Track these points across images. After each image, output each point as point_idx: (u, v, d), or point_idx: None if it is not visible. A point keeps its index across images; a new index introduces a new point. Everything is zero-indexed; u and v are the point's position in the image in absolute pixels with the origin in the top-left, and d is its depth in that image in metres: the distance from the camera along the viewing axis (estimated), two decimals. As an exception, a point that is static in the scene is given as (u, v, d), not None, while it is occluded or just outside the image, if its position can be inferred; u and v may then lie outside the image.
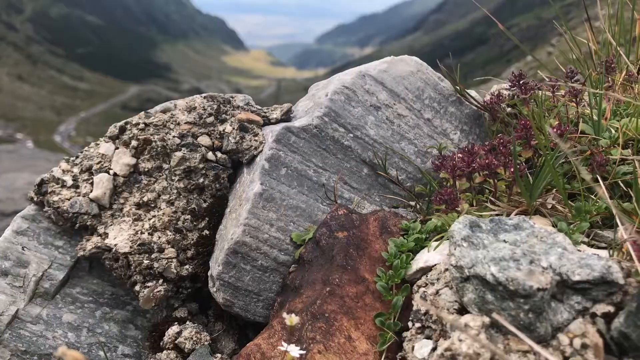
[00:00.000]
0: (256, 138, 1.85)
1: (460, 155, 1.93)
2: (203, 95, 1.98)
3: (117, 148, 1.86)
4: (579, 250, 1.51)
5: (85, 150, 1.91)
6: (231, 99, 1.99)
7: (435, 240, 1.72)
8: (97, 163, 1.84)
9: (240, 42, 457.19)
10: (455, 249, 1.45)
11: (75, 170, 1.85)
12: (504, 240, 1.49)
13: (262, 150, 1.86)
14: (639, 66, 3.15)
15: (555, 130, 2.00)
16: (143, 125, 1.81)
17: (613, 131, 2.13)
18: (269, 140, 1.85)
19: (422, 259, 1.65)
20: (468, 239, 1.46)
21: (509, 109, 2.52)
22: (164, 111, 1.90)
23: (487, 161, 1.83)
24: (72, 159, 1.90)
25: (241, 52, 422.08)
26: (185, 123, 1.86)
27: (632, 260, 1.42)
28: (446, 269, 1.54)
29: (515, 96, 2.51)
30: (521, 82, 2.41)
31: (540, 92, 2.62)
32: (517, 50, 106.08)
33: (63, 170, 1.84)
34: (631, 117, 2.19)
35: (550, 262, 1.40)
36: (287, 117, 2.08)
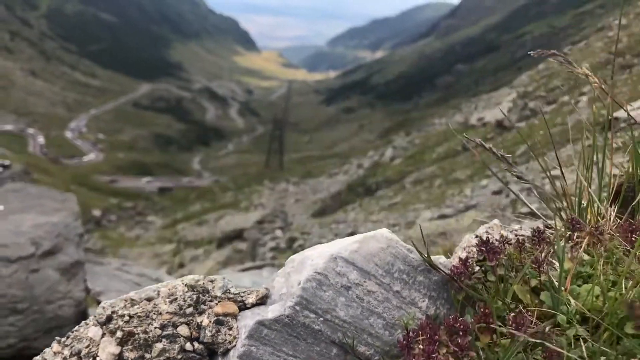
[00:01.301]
0: (230, 332, 2.01)
1: (420, 347, 2.08)
2: (184, 282, 2.13)
3: (104, 334, 2.03)
4: None
5: (76, 331, 2.08)
6: (210, 286, 2.15)
7: None
8: (86, 347, 2.00)
9: (252, 42, 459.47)
10: None
11: (66, 352, 2.02)
12: None
13: (235, 345, 2.03)
14: (611, 207, 3.24)
15: (511, 323, 2.13)
16: (128, 317, 1.98)
17: (573, 302, 2.24)
18: (242, 335, 2.00)
19: None
20: None
21: (477, 268, 2.66)
22: (148, 299, 2.07)
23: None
24: (63, 340, 2.06)
25: (253, 52, 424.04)
26: (166, 313, 2.02)
27: None
28: None
29: (484, 258, 2.65)
30: (488, 248, 2.55)
31: (508, 250, 2.75)
32: (528, 58, 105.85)
33: (54, 352, 2.01)
34: (592, 283, 2.30)
35: None
36: (262, 301, 2.24)
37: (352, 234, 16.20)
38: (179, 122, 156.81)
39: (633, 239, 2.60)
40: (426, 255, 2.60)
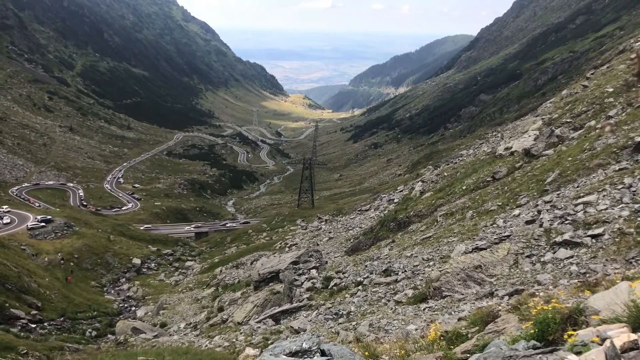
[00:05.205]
0: None
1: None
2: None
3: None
4: None
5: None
6: None
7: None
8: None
9: (279, 87, 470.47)
10: None
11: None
12: None
13: None
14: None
15: None
16: None
17: None
18: None
19: None
20: None
21: None
22: None
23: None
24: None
25: (280, 96, 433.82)
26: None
27: None
28: None
29: None
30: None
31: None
32: (551, 83, 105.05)
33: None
34: None
35: None
36: None
37: (386, 270, 17.03)
38: (212, 168, 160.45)
39: None
40: None
